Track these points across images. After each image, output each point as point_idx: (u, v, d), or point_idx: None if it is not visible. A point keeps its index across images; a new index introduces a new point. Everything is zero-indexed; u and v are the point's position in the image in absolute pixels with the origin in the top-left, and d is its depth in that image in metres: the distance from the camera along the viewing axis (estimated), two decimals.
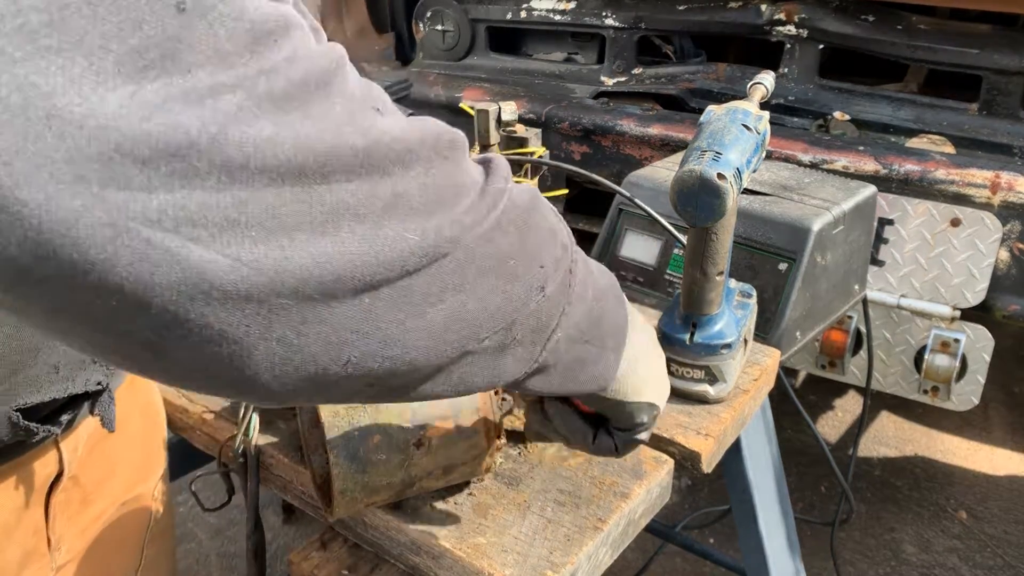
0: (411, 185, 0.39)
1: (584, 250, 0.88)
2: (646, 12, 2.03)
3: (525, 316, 0.47)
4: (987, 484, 2.20)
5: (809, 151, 1.63)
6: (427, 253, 0.40)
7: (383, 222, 0.38)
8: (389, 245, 0.38)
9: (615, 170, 1.82)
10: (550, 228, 0.51)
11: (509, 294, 0.46)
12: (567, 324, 0.52)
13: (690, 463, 0.78)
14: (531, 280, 0.47)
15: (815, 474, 2.21)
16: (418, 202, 0.39)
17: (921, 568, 1.94)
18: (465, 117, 1.03)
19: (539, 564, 0.63)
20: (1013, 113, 1.68)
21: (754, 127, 0.77)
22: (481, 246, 0.43)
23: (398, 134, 0.39)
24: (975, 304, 1.50)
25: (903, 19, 1.79)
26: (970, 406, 1.56)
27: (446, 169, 0.42)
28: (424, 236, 0.39)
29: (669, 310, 0.86)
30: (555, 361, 0.52)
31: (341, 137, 0.36)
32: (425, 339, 0.42)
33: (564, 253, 0.51)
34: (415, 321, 0.41)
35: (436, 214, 0.40)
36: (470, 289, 0.43)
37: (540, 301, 0.48)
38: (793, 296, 1.05)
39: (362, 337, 0.39)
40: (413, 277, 0.40)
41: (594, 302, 0.55)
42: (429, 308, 0.41)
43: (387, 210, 0.38)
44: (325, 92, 0.36)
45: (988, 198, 1.48)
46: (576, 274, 0.53)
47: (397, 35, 2.39)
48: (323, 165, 0.35)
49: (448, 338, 0.43)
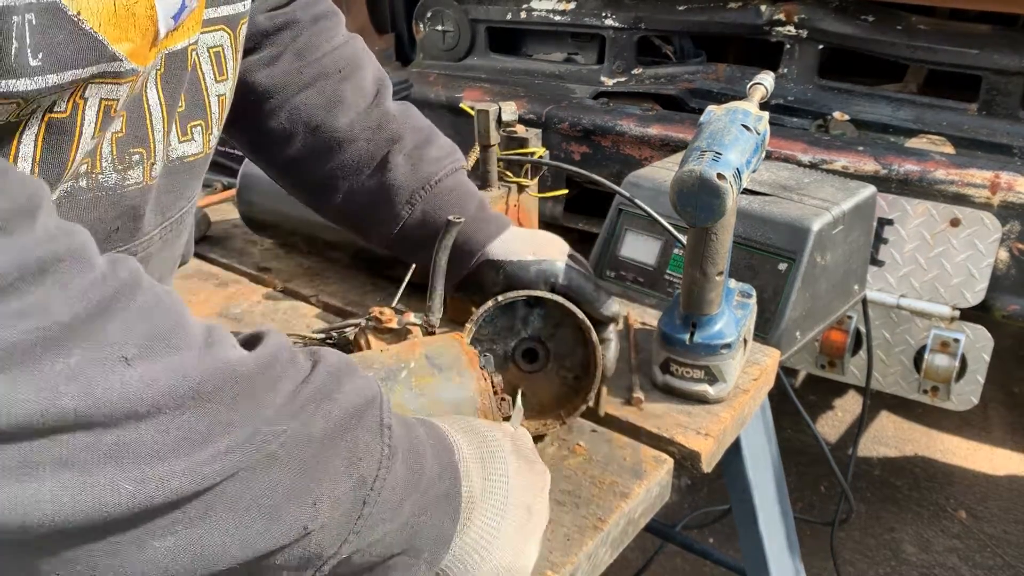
0: (144, 435, 0.38)
1: (584, 250, 0.88)
2: (646, 12, 2.03)
3: (289, 541, 0.44)
4: (987, 484, 2.20)
5: (809, 151, 1.64)
6: (140, 503, 0.38)
7: (96, 469, 0.36)
8: (95, 494, 0.36)
9: (615, 170, 1.82)
10: (347, 458, 0.46)
11: (256, 530, 0.43)
12: (359, 544, 0.48)
13: (690, 463, 0.78)
14: (293, 518, 0.44)
15: (815, 474, 2.21)
16: (149, 450, 0.38)
17: (921, 568, 1.94)
18: (465, 117, 1.03)
19: (539, 564, 0.63)
20: (1012, 113, 1.69)
21: (754, 127, 0.78)
22: (226, 487, 0.41)
23: (136, 393, 0.37)
24: (974, 304, 1.50)
25: (903, 19, 1.79)
26: (969, 406, 1.57)
27: (207, 410, 0.40)
28: (141, 485, 0.37)
29: (669, 310, 0.86)
30: (345, 571, 0.49)
31: (55, 402, 0.35)
32: (147, 566, 0.40)
33: (358, 486, 0.47)
34: (135, 552, 0.39)
35: (174, 458, 0.38)
36: (210, 525, 0.41)
37: (305, 540, 0.45)
38: (793, 296, 1.05)
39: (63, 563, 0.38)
40: (123, 520, 0.38)
41: (412, 516, 0.51)
42: (153, 541, 0.40)
43: (104, 458, 0.36)
44: (60, 344, 0.35)
45: (987, 198, 1.48)
46: (376, 499, 0.48)
47: (397, 35, 2.39)
48: (24, 428, 0.34)
49: (176, 568, 0.41)
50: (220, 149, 0.83)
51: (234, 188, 1.17)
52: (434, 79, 2.14)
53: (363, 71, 0.90)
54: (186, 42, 0.61)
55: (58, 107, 0.50)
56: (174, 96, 0.63)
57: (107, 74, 0.51)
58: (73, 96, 0.50)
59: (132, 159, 0.60)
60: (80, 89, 0.50)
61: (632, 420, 0.81)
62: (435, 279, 0.78)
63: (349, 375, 0.49)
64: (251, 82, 0.84)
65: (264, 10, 0.83)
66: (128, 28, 0.50)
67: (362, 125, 0.87)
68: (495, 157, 1.02)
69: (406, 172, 0.86)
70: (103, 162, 0.58)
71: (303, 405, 0.45)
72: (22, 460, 0.35)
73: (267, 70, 0.85)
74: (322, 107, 0.86)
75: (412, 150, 0.87)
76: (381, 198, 0.86)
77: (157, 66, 0.59)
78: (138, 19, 0.51)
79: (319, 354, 0.50)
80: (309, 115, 0.86)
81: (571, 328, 0.78)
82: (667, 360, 0.84)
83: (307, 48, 0.86)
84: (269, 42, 0.85)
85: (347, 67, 0.89)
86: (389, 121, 0.88)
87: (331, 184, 0.88)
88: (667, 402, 0.83)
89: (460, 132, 0.93)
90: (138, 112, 0.59)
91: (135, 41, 0.52)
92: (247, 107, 0.84)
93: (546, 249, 0.83)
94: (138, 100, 0.59)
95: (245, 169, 1.15)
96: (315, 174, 0.88)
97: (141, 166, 0.61)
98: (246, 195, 1.16)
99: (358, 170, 0.87)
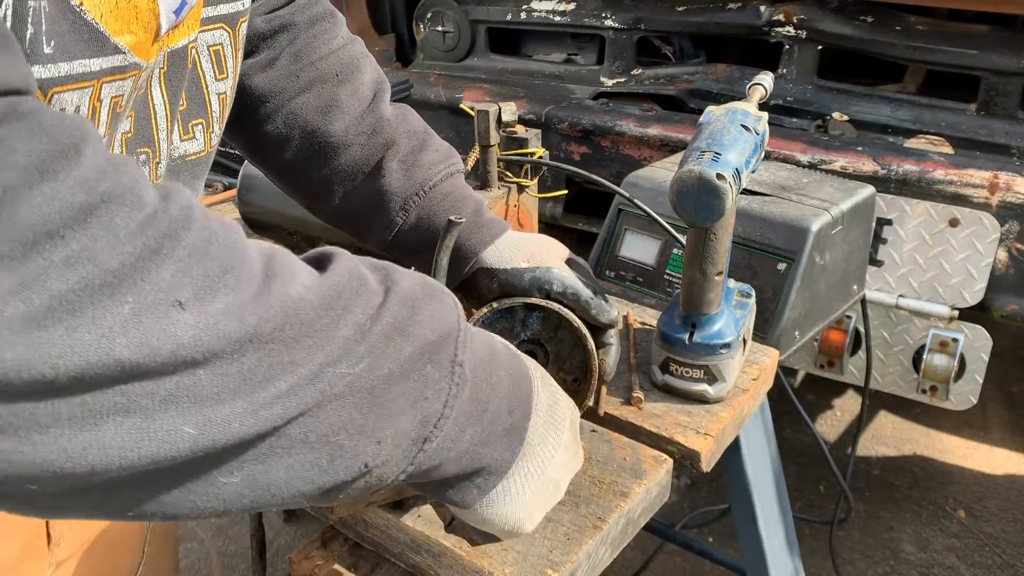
0: (203, 379, 0.37)
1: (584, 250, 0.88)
2: (645, 13, 2.03)
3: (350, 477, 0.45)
4: (985, 483, 2.21)
5: (808, 151, 1.64)
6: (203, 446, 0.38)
7: (157, 415, 0.36)
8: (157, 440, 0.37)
9: (615, 170, 1.82)
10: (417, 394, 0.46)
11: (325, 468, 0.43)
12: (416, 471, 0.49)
13: (689, 462, 0.78)
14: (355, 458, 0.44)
15: (814, 473, 2.21)
16: (209, 394, 0.37)
17: (920, 567, 1.95)
18: (465, 118, 1.04)
19: (539, 563, 0.63)
20: (1011, 113, 1.69)
21: (753, 127, 0.78)
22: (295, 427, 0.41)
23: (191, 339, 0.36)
24: (973, 304, 1.50)
25: (902, 20, 1.80)
26: (968, 405, 1.57)
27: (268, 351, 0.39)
28: (203, 429, 0.37)
29: (668, 310, 0.86)
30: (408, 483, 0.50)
31: (110, 353, 0.34)
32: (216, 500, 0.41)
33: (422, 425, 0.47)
34: (203, 487, 0.40)
35: (234, 401, 0.38)
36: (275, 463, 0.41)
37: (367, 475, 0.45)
38: (792, 296, 1.05)
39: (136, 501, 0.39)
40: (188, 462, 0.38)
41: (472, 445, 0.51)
42: (220, 477, 0.40)
43: (162, 404, 0.36)
44: (110, 293, 0.34)
45: (986, 198, 1.49)
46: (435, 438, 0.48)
47: (397, 36, 2.39)
48: (82, 378, 0.34)
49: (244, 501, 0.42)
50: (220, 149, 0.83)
51: (234, 188, 1.18)
52: (434, 79, 2.14)
53: (361, 75, 0.90)
54: (186, 40, 0.62)
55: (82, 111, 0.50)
56: (176, 94, 0.63)
57: (114, 69, 0.51)
58: (92, 99, 0.50)
59: (139, 159, 0.60)
60: (96, 91, 0.50)
61: (632, 420, 0.81)
62: (436, 280, 0.79)
63: (426, 301, 0.48)
64: (248, 85, 0.84)
65: (261, 13, 0.84)
66: (130, 20, 0.50)
67: (357, 130, 0.87)
68: (495, 157, 1.02)
69: (400, 178, 0.86)
70: None
71: (373, 343, 0.43)
72: (83, 409, 0.34)
73: (264, 74, 0.85)
74: (318, 112, 0.87)
75: (407, 155, 0.87)
76: (376, 204, 0.86)
77: (160, 64, 0.59)
78: (140, 12, 0.51)
79: (393, 276, 0.47)
80: (305, 120, 0.87)
81: (570, 331, 0.78)
82: (667, 360, 0.84)
83: (304, 51, 0.87)
84: (266, 45, 0.85)
85: (344, 71, 0.89)
86: (384, 126, 0.88)
87: (326, 189, 0.88)
88: (667, 402, 0.84)
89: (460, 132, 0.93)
90: (144, 112, 0.60)
91: (137, 34, 0.52)
92: (244, 110, 0.85)
93: (541, 255, 0.82)
94: (144, 99, 0.59)
95: (245, 169, 1.15)
96: (311, 178, 0.89)
97: (147, 166, 0.61)
98: (246, 195, 1.16)
99: (353, 175, 0.87)
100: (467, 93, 2.04)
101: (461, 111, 1.10)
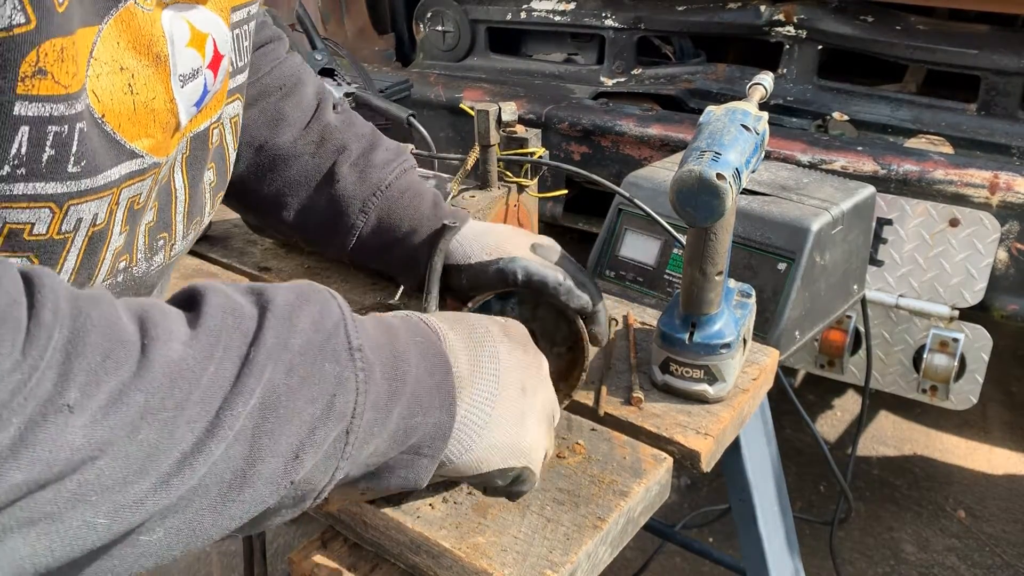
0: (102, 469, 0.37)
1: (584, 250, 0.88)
2: (645, 13, 2.03)
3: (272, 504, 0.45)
4: (986, 483, 2.21)
5: (808, 151, 1.64)
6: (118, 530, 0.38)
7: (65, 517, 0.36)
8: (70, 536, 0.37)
9: (615, 170, 1.82)
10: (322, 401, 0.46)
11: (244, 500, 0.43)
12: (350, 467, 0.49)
13: (689, 462, 0.78)
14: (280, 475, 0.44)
15: (814, 473, 2.21)
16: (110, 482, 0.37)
17: (920, 567, 1.95)
18: (465, 117, 1.04)
19: (538, 563, 0.63)
20: (1011, 113, 1.69)
21: (753, 127, 0.78)
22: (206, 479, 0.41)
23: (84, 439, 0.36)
24: (973, 304, 1.50)
25: (902, 20, 1.79)
26: (968, 405, 1.57)
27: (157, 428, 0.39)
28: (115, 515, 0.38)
29: (668, 310, 0.86)
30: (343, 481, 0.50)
31: (4, 479, 0.34)
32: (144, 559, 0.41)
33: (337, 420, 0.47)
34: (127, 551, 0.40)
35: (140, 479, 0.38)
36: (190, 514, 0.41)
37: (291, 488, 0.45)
38: (792, 296, 1.05)
39: None
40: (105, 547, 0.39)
41: (402, 420, 0.51)
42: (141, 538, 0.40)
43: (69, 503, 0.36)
44: None
45: (987, 198, 1.49)
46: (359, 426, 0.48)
47: (397, 36, 2.39)
48: None
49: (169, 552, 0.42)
50: None
51: None
52: (434, 79, 2.14)
53: (303, 87, 0.90)
54: (208, 122, 0.62)
55: (99, 219, 0.50)
56: (196, 177, 0.63)
57: (132, 174, 0.51)
58: (110, 205, 0.50)
59: (158, 244, 0.61)
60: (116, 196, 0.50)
61: (631, 420, 0.81)
62: (431, 282, 0.80)
63: (302, 306, 0.47)
64: None
65: None
66: (148, 124, 0.51)
67: (305, 140, 0.87)
68: (495, 157, 1.02)
69: (355, 181, 0.86)
70: (138, 254, 0.58)
71: (261, 368, 0.43)
72: None
73: None
74: (264, 125, 0.87)
75: (358, 158, 0.87)
76: (334, 210, 0.86)
77: (183, 150, 0.60)
78: (158, 114, 0.52)
79: (266, 295, 0.47)
80: (252, 134, 0.87)
81: (547, 306, 0.79)
82: (667, 360, 0.84)
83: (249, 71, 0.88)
84: None
85: (287, 84, 0.89)
86: (332, 133, 0.88)
87: (279, 202, 0.88)
88: (666, 402, 0.84)
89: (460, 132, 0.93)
90: (167, 199, 0.60)
91: (155, 136, 0.52)
92: None
93: (503, 246, 0.82)
94: (167, 187, 0.60)
95: None
96: (262, 192, 0.89)
97: (164, 250, 0.62)
98: None
99: (306, 185, 0.87)
100: (467, 93, 2.04)
101: (461, 111, 1.10)
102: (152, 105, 0.51)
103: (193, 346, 0.41)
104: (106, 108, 0.47)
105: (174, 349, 0.41)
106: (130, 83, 0.49)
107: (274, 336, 0.44)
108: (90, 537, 0.37)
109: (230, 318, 0.44)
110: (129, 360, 0.39)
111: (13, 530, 0.35)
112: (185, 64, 0.53)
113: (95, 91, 0.46)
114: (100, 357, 0.38)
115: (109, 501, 0.37)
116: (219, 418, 0.41)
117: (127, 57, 0.48)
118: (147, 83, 0.50)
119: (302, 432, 0.45)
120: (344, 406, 0.47)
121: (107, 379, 0.38)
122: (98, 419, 0.37)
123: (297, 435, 0.44)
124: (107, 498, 0.37)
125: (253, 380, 0.43)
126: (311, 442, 0.45)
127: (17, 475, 0.34)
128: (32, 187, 0.44)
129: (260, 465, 0.43)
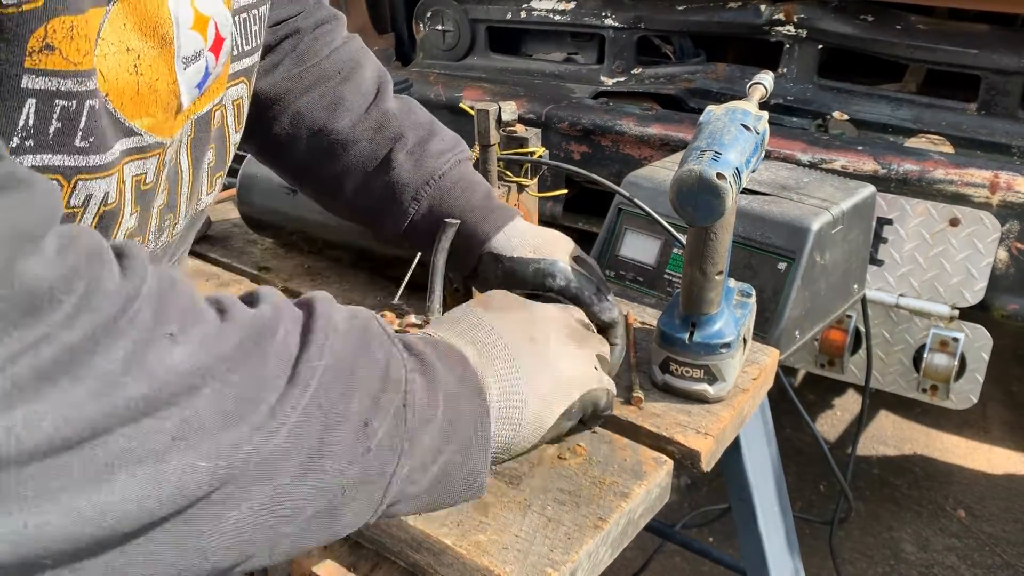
0: (201, 406, 0.38)
1: (584, 250, 0.88)
2: (645, 12, 2.03)
3: (351, 479, 0.46)
4: (986, 483, 2.21)
5: (808, 151, 1.64)
6: (219, 476, 0.39)
7: (167, 457, 0.37)
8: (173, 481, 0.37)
9: (615, 170, 1.82)
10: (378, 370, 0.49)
11: (326, 470, 0.44)
12: (412, 456, 0.50)
13: (689, 462, 0.78)
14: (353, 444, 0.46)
15: (814, 473, 2.21)
16: (209, 422, 0.38)
17: (920, 567, 1.95)
18: (465, 117, 1.04)
19: (539, 562, 0.63)
20: (1012, 113, 1.69)
21: (753, 127, 0.78)
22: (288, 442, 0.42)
23: (189, 365, 0.38)
24: (974, 303, 1.50)
25: (902, 19, 1.80)
26: (969, 405, 1.57)
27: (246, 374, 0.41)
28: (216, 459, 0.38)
29: (668, 310, 0.86)
30: (413, 491, 0.51)
31: (117, 390, 0.35)
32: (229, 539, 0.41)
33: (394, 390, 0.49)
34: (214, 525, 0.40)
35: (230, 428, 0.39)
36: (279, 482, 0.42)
37: (365, 459, 0.47)
38: (792, 295, 1.05)
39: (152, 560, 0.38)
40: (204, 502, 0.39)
41: (446, 410, 0.53)
42: (229, 512, 0.40)
43: (172, 443, 0.37)
44: (107, 341, 0.36)
45: (987, 198, 1.49)
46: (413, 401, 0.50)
47: (397, 35, 2.39)
48: (92, 426, 0.34)
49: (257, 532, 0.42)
50: None
51: (234, 188, 1.18)
52: (434, 79, 2.14)
53: (363, 71, 0.90)
54: (211, 105, 0.63)
55: (110, 198, 0.51)
56: (200, 158, 0.64)
57: (131, 150, 0.52)
58: (118, 183, 0.51)
59: (164, 224, 0.62)
60: (120, 174, 0.51)
61: (631, 419, 0.81)
62: (434, 280, 0.79)
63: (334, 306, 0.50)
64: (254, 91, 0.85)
65: (268, 26, 0.84)
66: (149, 105, 0.52)
67: (363, 126, 0.88)
68: (495, 157, 1.02)
69: (410, 169, 0.87)
70: (149, 236, 0.60)
71: (321, 341, 0.46)
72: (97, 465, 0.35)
73: (268, 77, 0.86)
74: (323, 110, 0.87)
75: (414, 147, 0.87)
76: (388, 196, 0.87)
77: (188, 132, 0.61)
78: (160, 95, 0.53)
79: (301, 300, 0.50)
80: (311, 119, 0.87)
81: None
82: (666, 359, 0.84)
83: (307, 53, 0.88)
84: (270, 51, 0.86)
85: (346, 68, 0.89)
86: (390, 120, 0.88)
87: (338, 185, 0.89)
88: (666, 401, 0.84)
89: (460, 131, 0.93)
90: (175, 180, 0.61)
91: (156, 116, 0.53)
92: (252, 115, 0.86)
93: (549, 248, 0.83)
94: (175, 169, 0.61)
95: (245, 169, 1.15)
96: (321, 176, 0.90)
97: (168, 229, 0.63)
98: (246, 195, 1.16)
99: (362, 170, 0.88)
100: (467, 92, 2.04)
101: (461, 110, 1.10)
102: (156, 86, 0.51)
103: (258, 317, 0.44)
104: (110, 87, 0.48)
105: (246, 313, 0.44)
106: (136, 64, 0.50)
107: (324, 319, 0.47)
108: (190, 481, 0.38)
109: (283, 304, 0.47)
110: (211, 313, 0.42)
111: (120, 467, 0.35)
112: (188, 46, 0.54)
113: (101, 70, 0.47)
114: (190, 303, 0.41)
115: (209, 441, 0.38)
116: (295, 375, 0.43)
117: (133, 38, 0.49)
118: (152, 64, 0.51)
119: (366, 400, 0.47)
120: (397, 374, 0.50)
121: (198, 323, 0.40)
122: (198, 350, 0.39)
123: (362, 401, 0.47)
124: (206, 439, 0.38)
125: (315, 349, 0.45)
126: (376, 409, 0.47)
127: (132, 388, 0.35)
128: (40, 159, 0.45)
129: (335, 432, 0.45)
